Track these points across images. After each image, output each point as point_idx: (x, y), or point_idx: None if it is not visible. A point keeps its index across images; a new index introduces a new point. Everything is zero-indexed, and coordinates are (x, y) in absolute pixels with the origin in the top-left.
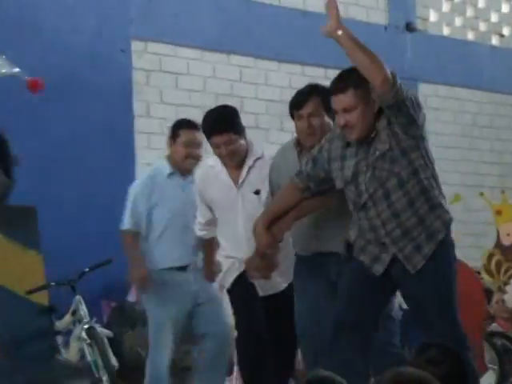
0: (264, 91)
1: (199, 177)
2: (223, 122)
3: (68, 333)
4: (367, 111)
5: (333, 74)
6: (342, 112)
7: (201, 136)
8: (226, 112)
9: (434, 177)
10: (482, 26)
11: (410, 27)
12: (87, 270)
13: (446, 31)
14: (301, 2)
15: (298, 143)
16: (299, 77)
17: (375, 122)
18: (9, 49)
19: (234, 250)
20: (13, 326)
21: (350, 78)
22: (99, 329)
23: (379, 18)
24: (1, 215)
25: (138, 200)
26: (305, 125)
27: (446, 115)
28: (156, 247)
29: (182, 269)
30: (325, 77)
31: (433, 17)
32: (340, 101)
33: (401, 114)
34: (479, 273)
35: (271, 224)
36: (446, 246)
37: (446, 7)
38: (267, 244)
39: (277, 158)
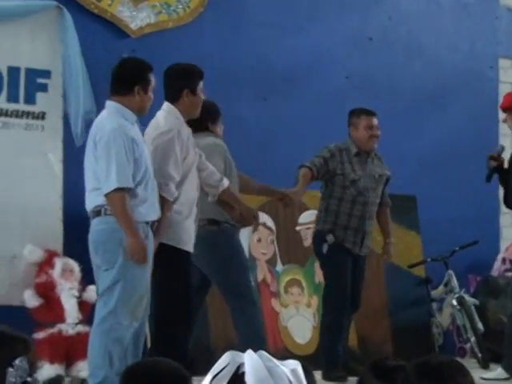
0: None
1: None
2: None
3: (441, 300)
4: None
5: None
6: None
7: None
8: None
9: None
10: None
11: None
12: (457, 248)
13: None
14: None
15: None
16: None
17: None
18: (396, 66)
19: None
20: (396, 293)
21: None
22: (467, 298)
23: None
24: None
25: None
26: None
27: None
28: None
29: None
30: None
31: None
32: None
33: None
34: None
35: None
36: None
37: None
38: None
39: None
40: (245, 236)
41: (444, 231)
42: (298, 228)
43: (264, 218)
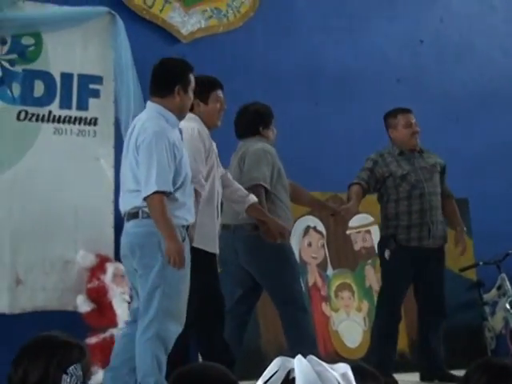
0: None
1: None
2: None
3: (494, 304)
4: None
5: None
6: None
7: None
8: None
9: None
10: None
11: None
12: (511, 251)
13: None
14: None
15: None
16: None
17: None
18: (447, 69)
19: None
20: (448, 296)
21: None
22: None
23: None
24: None
25: None
26: None
27: None
28: None
29: None
30: None
31: None
32: None
33: None
34: None
35: None
36: None
37: None
38: None
39: None
40: (295, 240)
41: (497, 234)
42: (348, 232)
43: (314, 221)
